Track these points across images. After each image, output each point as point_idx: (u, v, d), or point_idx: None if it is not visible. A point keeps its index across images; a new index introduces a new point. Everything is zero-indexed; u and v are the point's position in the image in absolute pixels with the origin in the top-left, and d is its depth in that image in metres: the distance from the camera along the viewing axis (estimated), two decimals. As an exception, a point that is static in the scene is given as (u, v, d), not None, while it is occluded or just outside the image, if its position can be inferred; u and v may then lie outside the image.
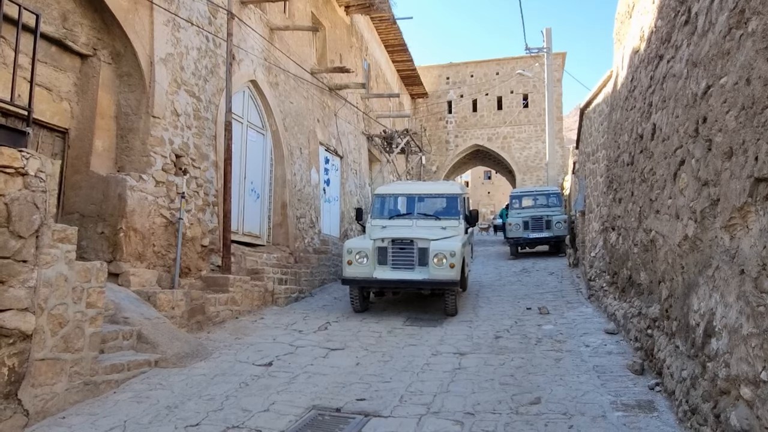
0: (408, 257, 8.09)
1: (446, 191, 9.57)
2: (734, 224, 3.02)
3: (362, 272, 8.06)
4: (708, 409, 3.30)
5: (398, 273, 8.08)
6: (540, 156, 26.01)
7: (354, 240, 8.86)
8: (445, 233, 8.55)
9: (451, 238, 8.41)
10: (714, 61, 3.37)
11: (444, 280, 7.81)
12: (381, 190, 9.97)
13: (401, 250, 8.14)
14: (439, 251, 7.83)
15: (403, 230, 8.55)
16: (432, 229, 8.61)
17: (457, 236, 8.61)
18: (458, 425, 4.04)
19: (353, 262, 8.10)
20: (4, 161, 3.96)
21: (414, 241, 8.08)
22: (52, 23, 6.23)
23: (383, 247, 8.21)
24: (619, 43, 7.62)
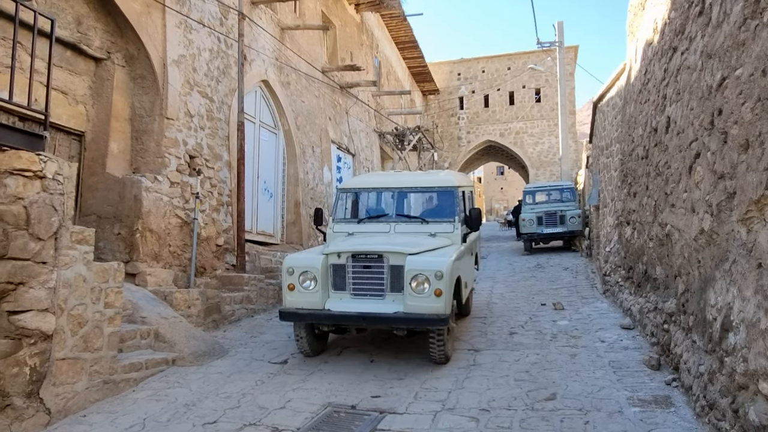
0: (375, 280, 5.50)
1: (438, 183, 6.74)
2: (751, 217, 2.98)
3: (308, 302, 5.51)
4: (726, 404, 3.27)
5: (361, 303, 5.44)
6: (553, 151, 25.83)
7: (298, 255, 6.03)
8: (434, 243, 5.92)
9: (440, 250, 5.76)
10: (729, 52, 3.33)
11: (425, 316, 5.13)
12: (348, 182, 7.26)
13: (366, 269, 5.51)
14: (419, 271, 5.19)
15: (372, 239, 5.97)
16: (415, 237, 6.04)
17: (451, 247, 5.94)
18: (473, 421, 4.04)
19: (296, 287, 5.56)
20: (23, 165, 4.03)
21: (383, 256, 5.44)
22: (67, 28, 6.32)
23: (340, 264, 5.58)
24: (632, 35, 7.53)
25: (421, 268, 5.21)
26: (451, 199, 6.55)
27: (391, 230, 6.37)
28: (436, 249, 5.75)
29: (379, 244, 5.69)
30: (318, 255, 5.71)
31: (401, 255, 5.39)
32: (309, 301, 5.53)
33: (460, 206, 6.55)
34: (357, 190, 6.93)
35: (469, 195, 7.47)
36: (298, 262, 5.68)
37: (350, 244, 5.77)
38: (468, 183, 7.75)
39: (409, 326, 5.37)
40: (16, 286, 3.98)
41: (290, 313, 5.56)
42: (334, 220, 6.68)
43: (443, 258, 5.39)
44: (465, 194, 7.06)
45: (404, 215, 6.56)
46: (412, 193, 6.91)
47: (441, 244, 5.96)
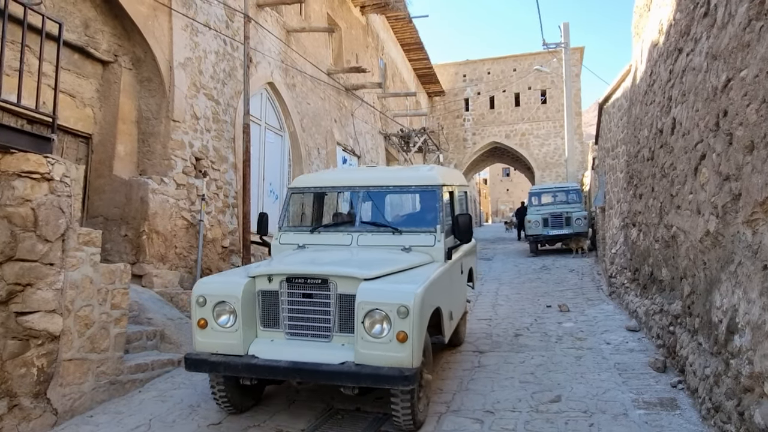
0: (318, 315, 3.98)
1: (415, 181, 5.25)
2: (756, 219, 2.97)
3: (225, 345, 3.99)
4: (732, 407, 3.26)
5: (298, 348, 3.92)
6: (559, 152, 25.77)
7: (214, 279, 4.39)
8: (407, 261, 4.44)
9: (412, 271, 4.27)
10: (734, 53, 3.32)
11: (383, 370, 3.60)
12: (301, 179, 5.60)
13: (306, 299, 4.01)
14: (376, 305, 3.68)
15: (324, 256, 4.53)
16: (383, 253, 4.59)
17: (428, 266, 4.49)
18: (478, 423, 4.04)
19: (209, 324, 4.04)
20: (31, 167, 4.07)
21: (329, 282, 3.94)
22: (75, 31, 6.37)
23: (271, 292, 4.09)
24: (638, 36, 7.52)
25: (379, 301, 3.64)
26: (432, 202, 4.95)
27: (353, 243, 4.82)
28: (406, 270, 4.24)
29: (325, 264, 4.17)
30: (241, 278, 4.10)
31: (353, 280, 3.83)
32: (226, 344, 3.96)
33: (446, 211, 5.07)
34: (312, 190, 5.40)
35: (460, 197, 6.06)
36: (212, 289, 4.07)
37: (288, 264, 4.23)
38: (459, 181, 6.15)
39: (360, 384, 3.69)
40: (24, 287, 4.02)
41: (198, 361, 3.94)
42: (282, 228, 5.18)
43: (411, 285, 3.78)
44: (454, 196, 5.57)
45: (371, 223, 5.01)
46: (383, 193, 5.29)
47: (416, 262, 4.46)
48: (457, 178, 6.33)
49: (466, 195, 6.61)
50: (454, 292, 5.19)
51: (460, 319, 5.79)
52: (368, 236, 4.88)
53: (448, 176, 5.63)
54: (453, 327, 5.14)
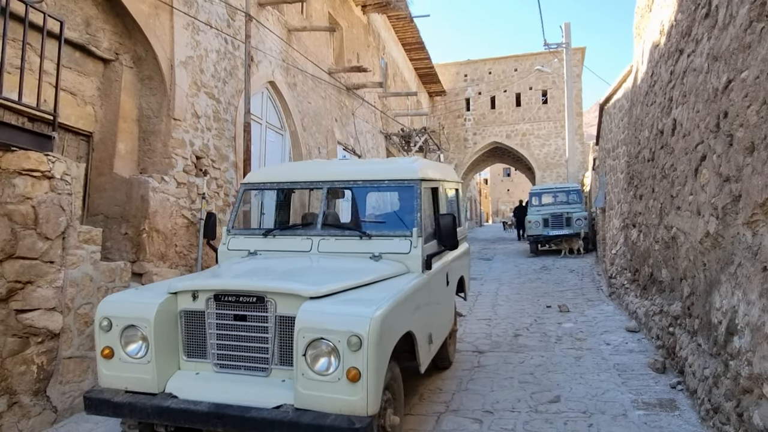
0: (253, 342, 3.22)
1: (390, 174, 4.37)
2: (756, 220, 2.97)
3: (136, 380, 3.22)
4: (730, 408, 3.26)
5: (227, 385, 3.16)
6: (560, 152, 25.77)
7: (124, 296, 3.52)
8: (374, 272, 3.67)
9: (377, 286, 3.51)
10: (735, 54, 3.32)
11: (329, 419, 2.80)
12: (255, 174, 4.89)
13: (238, 321, 3.25)
14: (320, 332, 2.89)
15: (265, 268, 3.79)
16: (347, 262, 3.89)
17: (399, 279, 3.74)
18: (477, 423, 4.05)
19: (115, 354, 3.26)
20: (31, 165, 4.08)
21: (267, 300, 3.18)
22: (76, 29, 6.37)
23: (195, 312, 3.32)
24: (639, 37, 7.51)
25: (324, 327, 2.85)
26: (409, 201, 4.16)
27: (313, 249, 4.08)
28: (371, 284, 3.47)
29: (263, 277, 3.39)
30: (159, 295, 3.31)
31: (295, 298, 3.06)
32: (136, 379, 3.17)
33: (428, 211, 4.34)
34: (269, 186, 4.66)
35: (449, 195, 5.36)
36: (119, 309, 3.26)
37: (218, 276, 3.48)
38: (448, 177, 5.36)
39: None
40: (24, 285, 4.03)
41: (99, 402, 3.16)
42: (230, 231, 4.49)
43: (368, 307, 2.95)
44: (440, 193, 4.80)
45: (335, 226, 4.32)
46: (351, 190, 4.58)
47: (385, 273, 3.68)
48: (446, 172, 5.44)
49: (458, 193, 5.86)
50: (436, 310, 4.31)
51: (448, 337, 5.13)
52: (331, 241, 4.09)
53: (432, 170, 4.76)
54: (434, 352, 4.21)
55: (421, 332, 3.75)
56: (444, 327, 4.77)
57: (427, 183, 4.41)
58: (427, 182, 4.38)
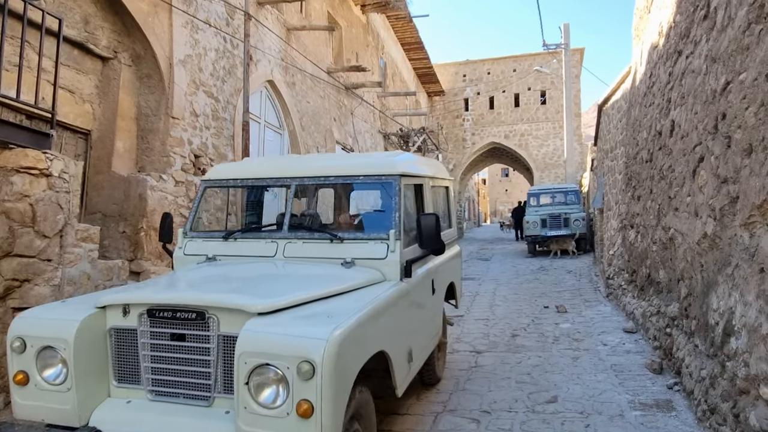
0: (193, 366, 2.70)
1: (365, 170, 3.90)
2: (754, 222, 2.98)
3: (55, 411, 2.70)
4: (727, 409, 3.27)
5: (161, 417, 2.65)
6: (558, 153, 25.80)
7: (42, 311, 2.92)
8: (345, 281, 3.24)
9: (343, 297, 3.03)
10: (733, 56, 3.33)
11: None
12: (217, 170, 4.33)
13: (176, 341, 2.73)
14: (266, 356, 2.38)
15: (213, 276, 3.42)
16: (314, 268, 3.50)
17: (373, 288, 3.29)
18: (474, 423, 4.05)
19: (30, 380, 2.74)
20: (29, 163, 4.07)
21: (208, 316, 2.67)
22: (74, 27, 6.36)
23: (126, 330, 2.81)
24: (638, 38, 7.53)
25: (270, 351, 2.38)
26: (386, 199, 3.70)
27: (278, 254, 3.64)
28: (337, 296, 3.02)
29: (205, 289, 2.99)
30: (83, 309, 2.82)
31: (240, 314, 2.59)
32: (55, 411, 2.70)
33: (410, 211, 3.97)
34: (232, 183, 4.18)
35: (437, 194, 4.92)
36: (34, 327, 2.77)
37: (153, 288, 3.00)
38: (435, 173, 4.86)
39: None
40: (22, 283, 4.02)
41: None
42: (187, 234, 4.00)
43: (324, 326, 2.46)
44: (425, 191, 4.33)
45: (304, 227, 3.85)
46: (321, 187, 4.29)
47: (356, 283, 3.21)
48: (434, 168, 4.96)
49: (449, 192, 5.45)
50: (419, 322, 3.83)
51: (436, 350, 4.72)
52: (298, 245, 3.63)
53: (416, 165, 4.31)
54: (415, 370, 3.75)
55: (398, 350, 3.25)
56: (429, 341, 4.22)
57: (409, 179, 3.95)
58: (408, 178, 3.92)
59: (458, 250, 5.65)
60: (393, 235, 3.50)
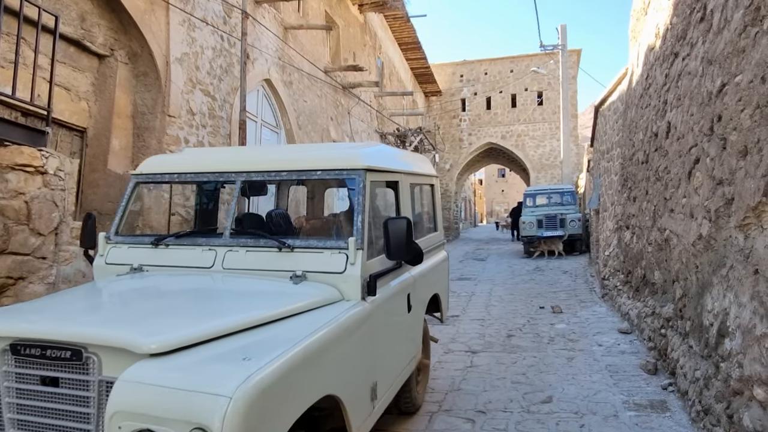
0: (67, 421, 1.98)
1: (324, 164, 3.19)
2: (748, 224, 2.99)
3: None
4: (721, 410, 3.28)
5: None
6: (555, 154, 25.84)
7: None
8: (289, 301, 2.56)
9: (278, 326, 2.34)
10: (729, 58, 3.34)
11: None
12: (150, 163, 3.63)
13: (47, 388, 2.02)
14: (147, 418, 1.71)
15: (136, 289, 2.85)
16: (252, 284, 2.86)
17: (324, 310, 2.61)
18: (469, 423, 4.05)
19: None
20: (24, 160, 4.05)
21: (87, 355, 1.96)
22: (71, 24, 6.33)
23: None
24: (635, 40, 7.55)
25: (150, 411, 1.74)
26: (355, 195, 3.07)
27: (216, 264, 3.02)
28: (271, 323, 2.38)
29: (83, 322, 2.24)
30: None
31: (126, 354, 1.95)
32: None
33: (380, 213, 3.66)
34: (168, 179, 3.61)
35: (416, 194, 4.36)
36: None
37: (20, 315, 2.30)
38: (416, 168, 4.26)
39: None
40: (16, 281, 4.00)
41: None
42: (110, 239, 3.34)
43: (233, 377, 1.79)
44: (400, 190, 3.72)
45: (248, 233, 3.21)
46: (272, 183, 3.81)
47: (302, 304, 2.58)
48: (413, 162, 4.32)
49: (434, 191, 4.87)
50: (387, 349, 3.20)
51: (416, 374, 4.12)
52: (240, 254, 3.00)
53: (387, 158, 3.65)
54: (383, 407, 3.14)
55: (356, 390, 2.66)
56: (404, 367, 3.58)
57: (378, 174, 3.31)
58: (377, 173, 3.27)
59: (445, 255, 5.01)
60: (353, 243, 2.83)
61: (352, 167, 3.09)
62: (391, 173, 3.58)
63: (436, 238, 4.80)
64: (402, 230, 2.94)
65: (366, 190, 3.03)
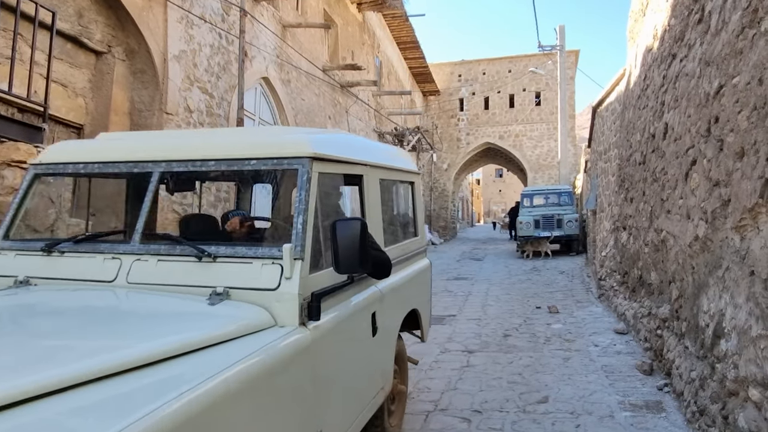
0: None
1: (260, 151, 2.49)
2: (745, 225, 3.00)
3: None
4: (716, 411, 3.29)
5: None
6: (552, 154, 25.88)
7: None
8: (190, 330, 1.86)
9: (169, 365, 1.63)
10: (727, 60, 3.34)
11: None
12: (54, 151, 2.93)
13: None
14: None
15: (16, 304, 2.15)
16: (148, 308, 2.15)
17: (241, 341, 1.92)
18: (465, 422, 4.05)
19: None
20: (21, 156, 4.04)
21: None
22: (68, 20, 6.31)
23: None
24: (633, 41, 7.56)
25: None
26: (288, 196, 2.98)
27: (120, 277, 2.42)
28: (162, 361, 1.66)
29: None
30: None
31: None
32: None
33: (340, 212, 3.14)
34: (72, 169, 2.90)
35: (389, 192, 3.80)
36: None
37: None
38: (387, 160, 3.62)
39: None
40: (11, 277, 3.99)
41: None
42: None
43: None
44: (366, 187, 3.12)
45: (162, 237, 2.73)
46: (200, 175, 3.39)
47: (215, 333, 1.90)
48: (385, 154, 3.70)
49: (414, 189, 4.27)
50: (341, 386, 2.57)
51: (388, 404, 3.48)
52: (151, 264, 2.41)
53: (344, 145, 2.95)
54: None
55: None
56: (362, 406, 2.86)
57: (332, 166, 2.66)
58: (330, 164, 2.62)
59: (426, 264, 4.37)
60: (289, 252, 2.20)
61: (294, 155, 2.43)
62: (351, 165, 2.91)
63: (415, 244, 4.18)
64: (354, 235, 2.29)
65: (311, 183, 2.37)
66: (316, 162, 2.45)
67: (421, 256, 4.37)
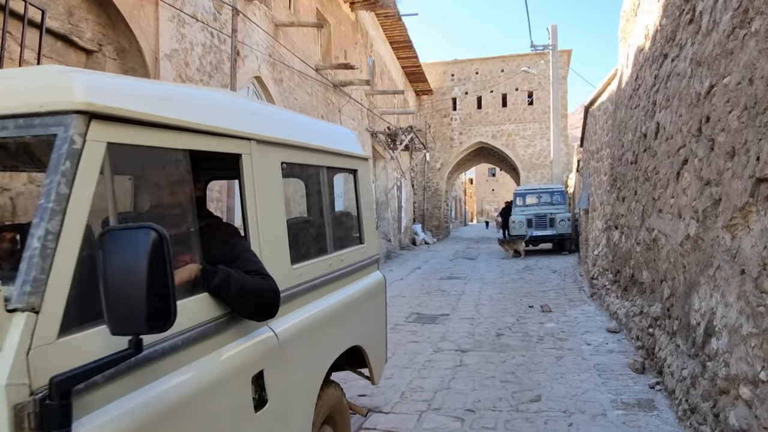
0: None
1: None
2: (736, 224, 3.02)
3: None
4: (707, 409, 3.31)
5: None
6: (545, 154, 25.96)
7: None
8: None
9: None
10: (718, 60, 3.36)
11: None
12: None
13: None
14: None
15: None
16: None
17: None
18: (458, 422, 4.06)
19: None
20: (10, 156, 4.00)
21: None
22: (58, 18, 6.25)
23: None
24: (624, 41, 7.59)
25: None
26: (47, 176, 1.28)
27: None
28: None
29: None
30: None
31: None
32: None
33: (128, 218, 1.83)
34: None
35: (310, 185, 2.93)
36: None
37: None
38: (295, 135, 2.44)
39: None
40: (1, 278, 3.95)
41: None
42: None
43: None
44: (246, 175, 2.07)
45: None
46: None
47: None
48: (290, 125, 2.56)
49: (356, 179, 3.29)
50: None
51: None
52: None
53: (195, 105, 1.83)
54: None
55: None
56: None
57: (144, 133, 1.53)
58: (137, 130, 1.50)
59: (378, 280, 3.41)
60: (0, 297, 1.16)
61: (49, 109, 1.32)
62: (206, 135, 1.79)
63: (359, 254, 3.16)
64: (137, 261, 1.21)
65: (79, 161, 1.30)
66: (96, 121, 1.36)
67: (369, 270, 3.33)
